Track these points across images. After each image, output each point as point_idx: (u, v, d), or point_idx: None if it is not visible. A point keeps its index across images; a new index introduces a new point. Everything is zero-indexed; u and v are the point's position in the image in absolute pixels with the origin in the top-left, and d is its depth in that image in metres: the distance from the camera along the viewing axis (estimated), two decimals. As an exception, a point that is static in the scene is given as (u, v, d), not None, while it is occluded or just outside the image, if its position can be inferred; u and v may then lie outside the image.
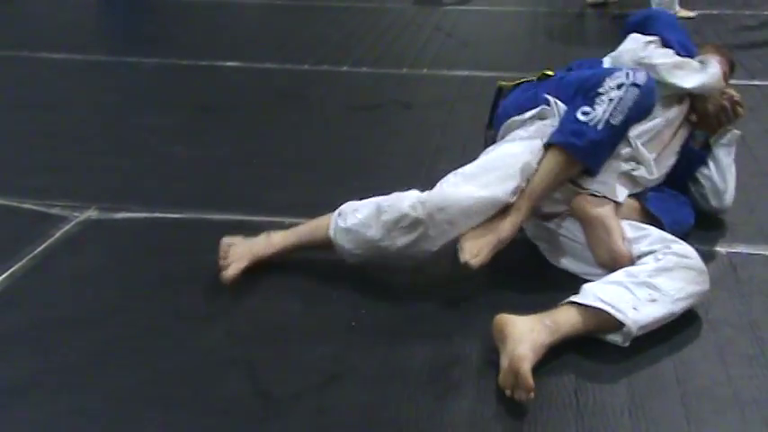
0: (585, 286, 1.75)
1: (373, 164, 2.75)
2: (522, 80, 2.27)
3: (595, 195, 1.96)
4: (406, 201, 1.89)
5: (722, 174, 2.23)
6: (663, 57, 2.14)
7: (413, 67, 3.90)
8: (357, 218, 1.93)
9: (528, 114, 2.08)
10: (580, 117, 1.91)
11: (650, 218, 2.04)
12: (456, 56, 4.12)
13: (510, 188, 1.89)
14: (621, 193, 2.00)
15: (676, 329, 1.80)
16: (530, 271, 2.05)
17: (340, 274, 2.03)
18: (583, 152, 1.91)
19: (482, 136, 2.33)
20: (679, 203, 2.16)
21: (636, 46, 2.17)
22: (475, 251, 1.85)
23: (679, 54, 2.17)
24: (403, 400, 1.59)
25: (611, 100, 1.90)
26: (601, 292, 1.71)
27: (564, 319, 1.68)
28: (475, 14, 5.12)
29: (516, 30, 4.76)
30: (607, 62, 2.23)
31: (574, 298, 1.72)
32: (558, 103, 2.03)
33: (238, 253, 2.02)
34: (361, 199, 1.99)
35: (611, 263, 1.85)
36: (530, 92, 2.17)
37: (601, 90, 1.92)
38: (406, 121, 3.21)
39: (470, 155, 2.44)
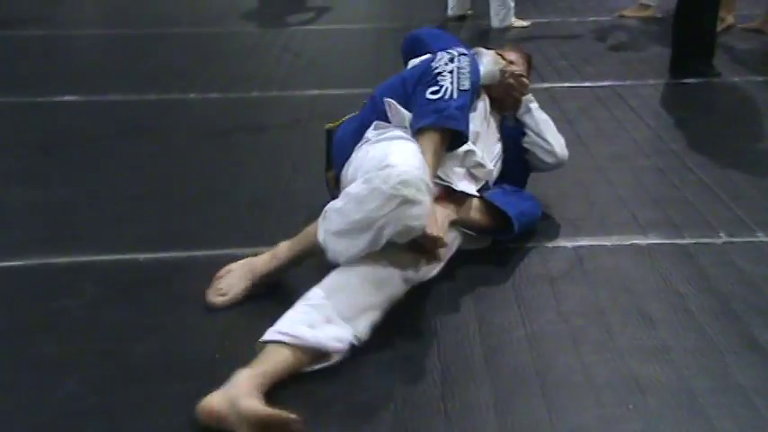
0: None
1: (230, 190, 2.71)
2: (345, 117, 2.34)
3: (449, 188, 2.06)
4: (386, 185, 1.74)
5: (539, 135, 2.38)
6: None
7: (263, 89, 3.88)
8: (340, 217, 1.80)
9: (370, 135, 2.09)
10: (431, 97, 2.00)
11: (496, 212, 2.13)
12: (305, 76, 4.14)
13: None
14: (470, 188, 2.11)
15: (532, 325, 1.88)
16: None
17: (197, 305, 1.98)
18: (454, 121, 1.98)
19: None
20: (522, 198, 2.28)
21: (415, 62, 2.26)
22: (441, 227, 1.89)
23: None
24: (273, 427, 1.57)
25: (451, 72, 2.03)
26: (280, 324, 1.70)
27: (265, 359, 1.64)
28: (321, 33, 5.17)
29: (363, 46, 4.85)
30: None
31: (263, 337, 1.69)
32: (394, 102, 2.08)
33: (236, 277, 1.97)
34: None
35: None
36: (356, 120, 2.22)
37: (436, 71, 2.03)
38: (259, 144, 3.18)
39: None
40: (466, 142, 2.06)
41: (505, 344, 1.82)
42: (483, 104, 2.30)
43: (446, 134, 2.00)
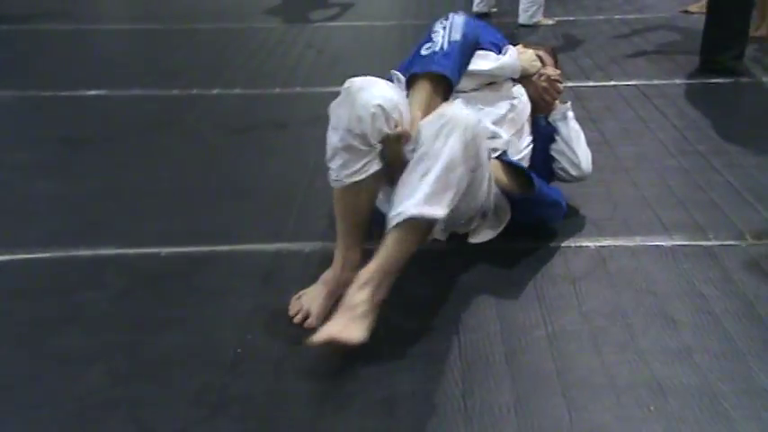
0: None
1: (251, 186, 2.72)
2: None
3: None
4: (339, 96, 1.88)
5: (569, 144, 2.37)
6: None
7: (286, 85, 3.89)
8: (330, 156, 1.88)
9: None
10: (424, 52, 2.05)
11: (515, 173, 2.15)
12: (328, 72, 4.15)
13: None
14: None
15: (553, 325, 1.88)
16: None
17: (219, 299, 2.00)
18: (435, 65, 2.01)
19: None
20: (545, 184, 2.28)
21: None
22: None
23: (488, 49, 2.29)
24: (293, 422, 1.58)
25: (444, 28, 2.10)
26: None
27: (374, 265, 1.76)
28: (344, 30, 5.17)
29: (386, 43, 4.84)
30: None
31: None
32: (397, 74, 2.15)
33: (311, 298, 1.93)
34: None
35: None
36: None
37: (432, 33, 2.12)
38: (282, 140, 3.19)
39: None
40: (453, 86, 2.06)
41: (526, 343, 1.81)
42: (509, 95, 2.29)
43: (435, 82, 2.00)
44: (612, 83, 3.79)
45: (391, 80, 2.15)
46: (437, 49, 2.04)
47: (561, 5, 5.58)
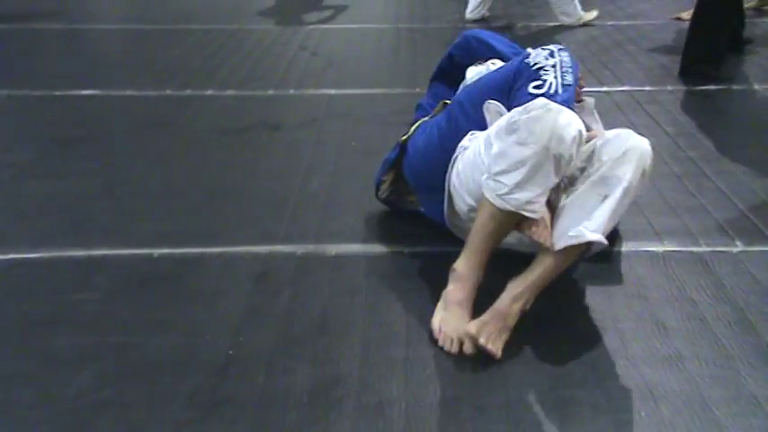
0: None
1: (244, 188, 2.72)
2: (415, 126, 2.31)
3: None
4: (530, 112, 1.76)
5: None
6: None
7: (279, 87, 3.89)
8: (511, 173, 1.78)
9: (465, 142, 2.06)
10: (535, 91, 1.93)
11: None
12: (322, 74, 4.14)
13: None
14: None
15: (544, 330, 1.88)
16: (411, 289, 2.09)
17: (211, 301, 1.99)
18: None
19: (352, 152, 2.37)
20: None
21: (481, 69, 2.30)
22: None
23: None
24: (284, 425, 1.58)
25: (553, 66, 1.98)
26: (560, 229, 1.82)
27: (530, 277, 1.82)
28: (338, 32, 5.17)
29: (380, 46, 4.84)
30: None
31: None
32: (495, 103, 2.01)
33: (454, 321, 1.84)
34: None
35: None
36: (433, 127, 2.19)
37: (537, 66, 1.98)
38: (275, 142, 3.19)
39: (341, 172, 2.49)
40: None
41: (517, 348, 1.81)
42: None
43: None
44: (605, 89, 3.81)
45: (467, 110, 2.09)
46: (551, 92, 1.93)
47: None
